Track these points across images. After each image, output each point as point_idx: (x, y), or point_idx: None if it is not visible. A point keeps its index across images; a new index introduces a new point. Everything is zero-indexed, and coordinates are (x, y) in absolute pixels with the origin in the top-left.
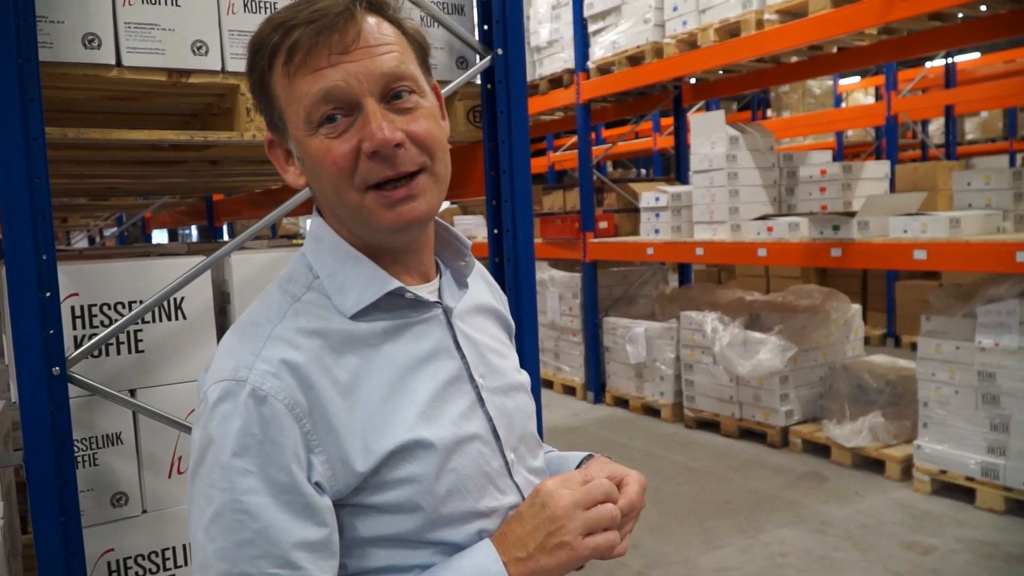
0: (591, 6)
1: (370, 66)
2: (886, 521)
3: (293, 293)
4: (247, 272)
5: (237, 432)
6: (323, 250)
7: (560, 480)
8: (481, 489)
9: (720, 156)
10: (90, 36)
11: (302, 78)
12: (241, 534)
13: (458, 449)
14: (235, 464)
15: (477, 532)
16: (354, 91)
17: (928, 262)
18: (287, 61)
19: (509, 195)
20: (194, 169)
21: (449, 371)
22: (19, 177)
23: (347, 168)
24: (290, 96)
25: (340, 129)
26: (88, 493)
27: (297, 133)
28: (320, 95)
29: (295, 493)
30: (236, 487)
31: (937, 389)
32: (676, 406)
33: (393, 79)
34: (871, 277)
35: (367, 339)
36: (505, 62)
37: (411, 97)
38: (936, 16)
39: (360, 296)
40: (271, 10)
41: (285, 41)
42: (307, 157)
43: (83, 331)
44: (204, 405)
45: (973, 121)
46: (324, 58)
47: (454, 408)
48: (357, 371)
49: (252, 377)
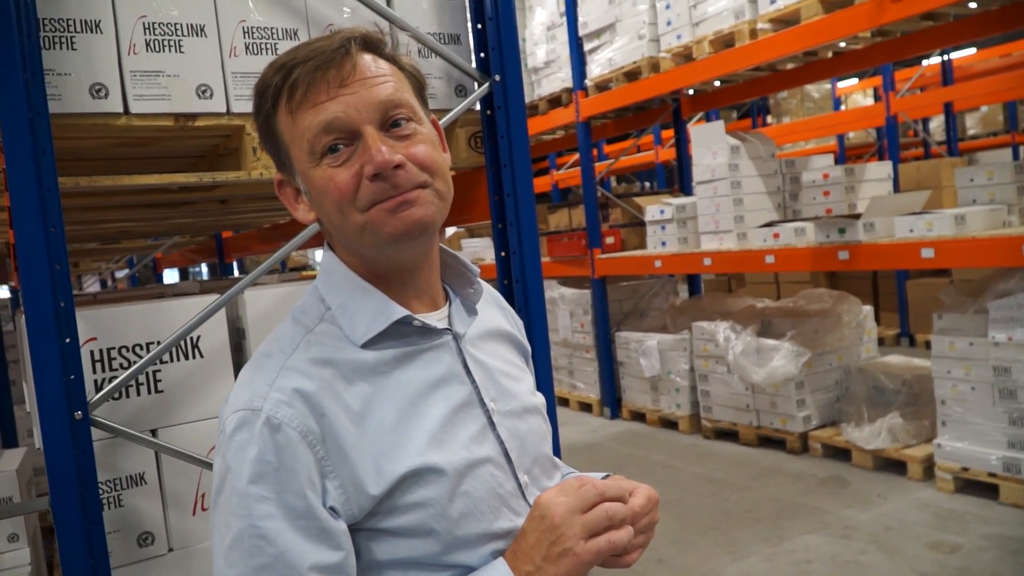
0: (586, 25)
1: (367, 96)
2: (910, 522)
3: (306, 324)
4: (261, 307)
5: (253, 460)
6: (334, 283)
7: (556, 489)
8: (495, 511)
9: (722, 166)
10: (97, 86)
11: (303, 113)
12: (259, 559)
13: (470, 473)
14: (252, 491)
15: (492, 554)
16: (353, 120)
17: (936, 260)
18: (289, 99)
19: (514, 217)
20: (203, 209)
21: (459, 396)
22: (35, 227)
23: (350, 192)
24: (293, 132)
25: (342, 158)
26: (115, 534)
27: (302, 166)
28: (321, 127)
29: (310, 518)
30: (253, 513)
31: (953, 387)
32: (693, 417)
33: (390, 107)
34: (881, 277)
35: (378, 367)
36: (503, 88)
37: (409, 124)
38: (928, 16)
39: (370, 325)
40: (273, 52)
41: (286, 81)
42: (312, 188)
43: (103, 374)
44: (223, 436)
45: (974, 116)
46: (323, 92)
47: (464, 433)
48: (368, 398)
49: (266, 406)
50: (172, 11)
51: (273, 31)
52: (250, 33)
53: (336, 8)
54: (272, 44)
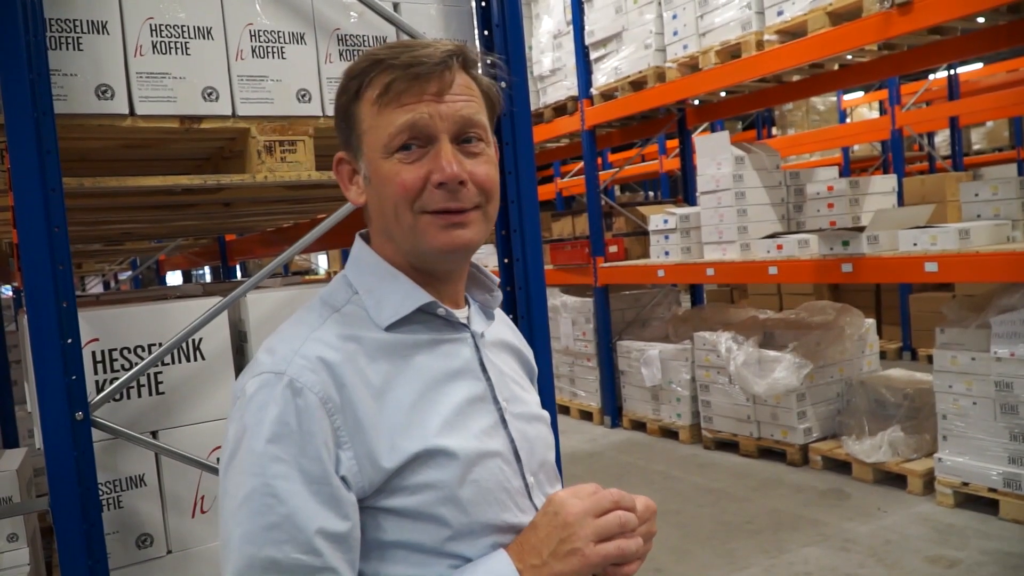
0: (592, 34)
1: (451, 108)
2: (910, 536)
3: (333, 305)
4: (263, 311)
5: (273, 420)
6: (363, 269)
7: (571, 491)
8: (501, 504)
9: (727, 176)
10: (103, 87)
11: (391, 111)
12: (268, 517)
13: (480, 462)
14: (269, 450)
15: (492, 546)
16: (434, 127)
17: (939, 274)
18: (381, 94)
19: (518, 224)
20: (207, 211)
21: (475, 390)
22: (38, 228)
23: (413, 192)
24: (375, 122)
25: (413, 157)
26: (113, 536)
27: (372, 155)
28: (405, 126)
29: (324, 484)
30: (267, 472)
31: (955, 401)
32: (694, 427)
33: (468, 124)
34: (884, 291)
35: (400, 349)
36: (509, 94)
37: (479, 144)
38: (936, 30)
39: (396, 308)
40: (280, 55)
41: (381, 78)
42: (376, 177)
43: (104, 375)
44: (241, 399)
45: (979, 131)
46: (416, 97)
47: (477, 424)
48: (388, 376)
49: (290, 370)
50: (179, 13)
51: (280, 34)
52: (257, 36)
53: (343, 13)
54: (279, 48)
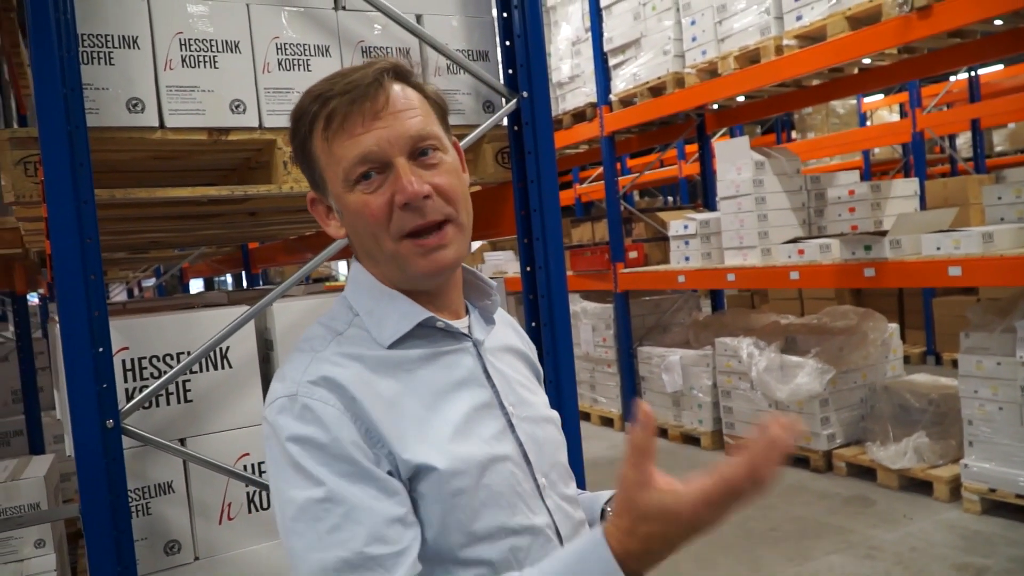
0: (611, 40)
1: (399, 129)
2: (936, 543)
3: (335, 329)
4: (289, 319)
5: (298, 438)
6: (361, 291)
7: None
8: (513, 506)
9: (747, 181)
10: (134, 100)
11: (340, 143)
12: (327, 522)
13: (491, 467)
14: (304, 465)
15: (509, 548)
16: (386, 153)
17: (963, 278)
18: (325, 127)
19: (540, 232)
20: (232, 221)
21: (481, 398)
22: (71, 239)
23: (383, 219)
24: (329, 158)
25: (375, 185)
26: (142, 542)
27: (336, 190)
28: (357, 159)
29: (369, 478)
30: (311, 481)
31: (981, 406)
32: (715, 433)
33: (419, 139)
34: (907, 295)
35: (403, 364)
36: (531, 104)
37: (435, 154)
38: (955, 33)
39: (396, 327)
40: (305, 68)
41: (323, 110)
42: (346, 211)
43: (134, 383)
44: (268, 428)
45: (1001, 133)
46: (359, 124)
47: (486, 430)
48: (395, 391)
49: (302, 390)
50: (208, 28)
51: (305, 47)
52: (283, 49)
53: (367, 26)
54: (304, 60)
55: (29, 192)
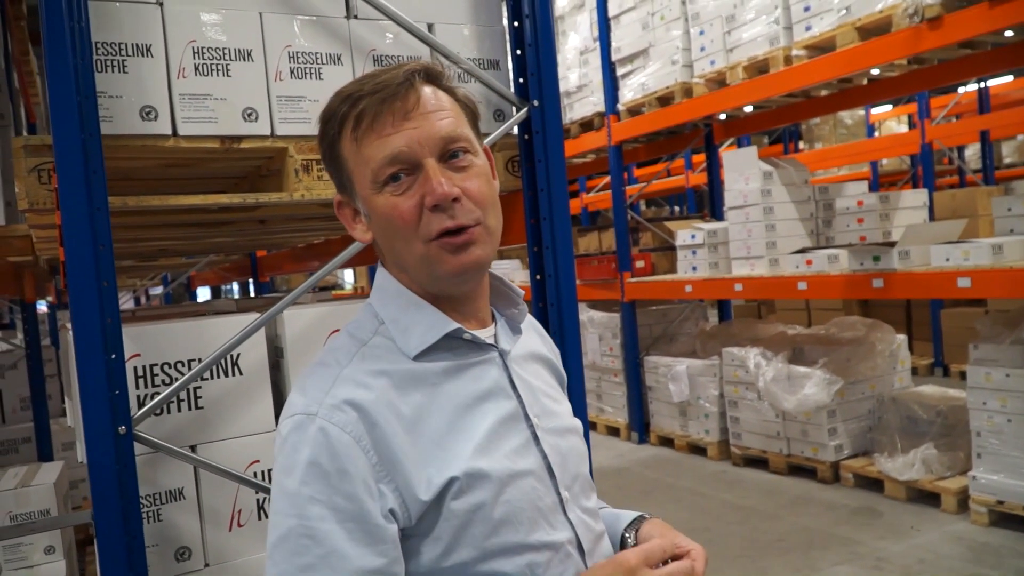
0: (619, 50)
1: (429, 130)
2: (944, 555)
3: (360, 338)
4: (299, 327)
5: (306, 462)
6: (387, 299)
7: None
8: (532, 523)
9: (755, 191)
10: (147, 108)
11: (369, 143)
12: (304, 558)
13: (512, 482)
14: (303, 491)
15: (527, 564)
16: (416, 154)
17: (972, 290)
18: (355, 128)
19: (550, 241)
20: (242, 228)
21: (505, 409)
22: (85, 246)
23: (413, 221)
24: (357, 159)
25: (404, 187)
26: (153, 548)
27: (364, 192)
28: (387, 159)
29: (360, 521)
30: (303, 513)
31: (989, 418)
32: (722, 444)
33: (449, 141)
34: (915, 306)
35: (429, 378)
36: (541, 113)
37: (466, 156)
38: (966, 44)
39: (422, 338)
40: (317, 76)
41: (352, 111)
42: (374, 213)
43: (146, 390)
44: (278, 440)
45: (1010, 144)
46: (388, 124)
47: (508, 444)
48: (420, 407)
49: (321, 411)
50: (220, 36)
51: (317, 56)
52: (295, 58)
53: (379, 34)
54: (316, 68)
55: (43, 199)
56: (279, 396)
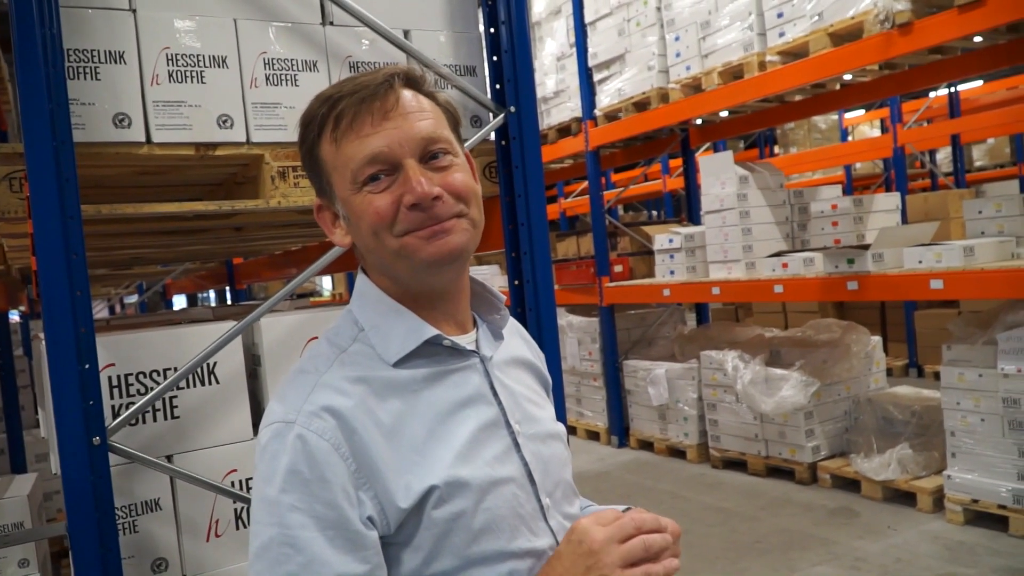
0: (595, 56)
1: (409, 131)
2: (921, 554)
3: (340, 345)
4: (276, 334)
5: (285, 469)
6: (367, 305)
7: (593, 517)
8: (514, 530)
9: (731, 196)
10: (121, 116)
11: (348, 143)
12: (286, 567)
13: (492, 490)
14: (283, 499)
15: (509, 572)
16: (396, 154)
17: (945, 291)
18: (334, 128)
19: (528, 247)
20: (218, 236)
21: (486, 416)
22: (57, 255)
23: (388, 217)
24: (337, 160)
25: (383, 186)
26: (129, 560)
27: (343, 192)
28: (366, 159)
29: (340, 528)
30: (283, 522)
31: (963, 418)
32: (701, 447)
33: (430, 142)
34: (889, 308)
35: (409, 384)
36: (518, 119)
37: (446, 157)
38: (936, 50)
39: (401, 344)
40: (293, 83)
41: (331, 112)
42: (351, 212)
43: (120, 400)
44: (258, 448)
45: (980, 148)
46: (368, 124)
47: (489, 451)
48: (399, 414)
49: (300, 419)
50: (195, 43)
51: (293, 63)
52: (270, 64)
53: (355, 41)
54: (292, 75)
55: (14, 208)
56: (256, 405)
